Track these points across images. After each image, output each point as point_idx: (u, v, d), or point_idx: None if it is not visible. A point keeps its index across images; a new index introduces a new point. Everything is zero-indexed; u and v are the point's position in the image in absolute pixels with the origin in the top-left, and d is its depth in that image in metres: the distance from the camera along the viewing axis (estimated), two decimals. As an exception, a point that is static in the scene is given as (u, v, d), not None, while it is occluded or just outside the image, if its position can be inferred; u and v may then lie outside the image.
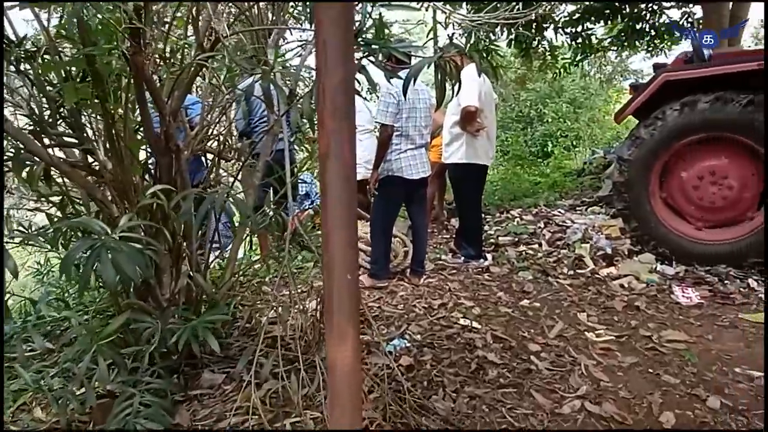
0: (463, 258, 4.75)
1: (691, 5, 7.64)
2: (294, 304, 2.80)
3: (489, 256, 4.83)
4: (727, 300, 3.76)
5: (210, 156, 3.30)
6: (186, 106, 3.54)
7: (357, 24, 2.26)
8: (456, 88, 2.44)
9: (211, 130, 3.03)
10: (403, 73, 3.61)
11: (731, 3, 6.40)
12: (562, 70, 8.67)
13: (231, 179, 3.19)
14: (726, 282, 3.98)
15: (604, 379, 2.84)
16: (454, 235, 5.17)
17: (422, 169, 4.12)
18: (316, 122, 1.56)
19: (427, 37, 2.74)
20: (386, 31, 2.47)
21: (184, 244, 2.63)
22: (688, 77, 4.01)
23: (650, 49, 8.60)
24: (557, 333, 3.37)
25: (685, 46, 8.26)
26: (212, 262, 3.32)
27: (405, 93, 2.24)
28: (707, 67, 4.01)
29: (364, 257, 4.44)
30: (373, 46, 2.28)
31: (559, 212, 6.02)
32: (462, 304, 3.82)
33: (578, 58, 8.56)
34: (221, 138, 3.03)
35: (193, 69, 2.27)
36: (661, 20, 7.89)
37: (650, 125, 4.19)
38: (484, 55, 7.63)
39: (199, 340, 2.25)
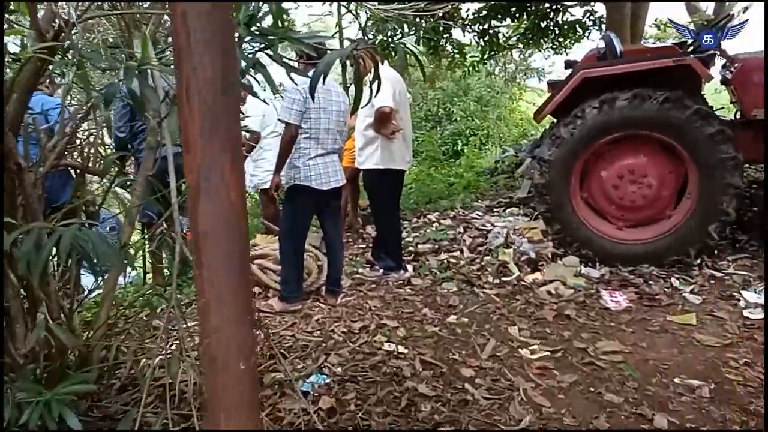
0: (382, 270, 4.40)
1: (593, 4, 7.79)
2: (185, 351, 2.31)
3: (409, 267, 4.51)
4: (653, 302, 3.67)
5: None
6: (45, 111, 2.93)
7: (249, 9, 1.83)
8: (375, 86, 2.07)
9: (75, 140, 2.47)
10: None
11: (630, 2, 6.51)
12: (471, 69, 8.59)
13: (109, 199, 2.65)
14: (650, 282, 3.91)
15: (545, 404, 2.59)
16: (371, 245, 4.81)
17: (335, 177, 3.71)
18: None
19: (336, 29, 2.34)
20: (287, 19, 2.07)
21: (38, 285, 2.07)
22: (607, 74, 3.89)
23: (555, 47, 8.71)
24: (490, 353, 3.10)
25: (589, 44, 8.45)
26: (86, 296, 2.74)
27: (313, 90, 1.84)
28: (624, 64, 3.91)
29: (273, 277, 3.97)
30: (271, 37, 1.86)
31: (478, 215, 5.83)
32: (385, 325, 3.46)
33: (486, 56, 8.51)
34: (88, 148, 2.47)
35: (32, 65, 1.73)
36: (565, 18, 7.98)
37: (570, 124, 4.05)
38: (395, 52, 7.37)
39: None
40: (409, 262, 4.65)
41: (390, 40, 6.94)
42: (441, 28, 7.40)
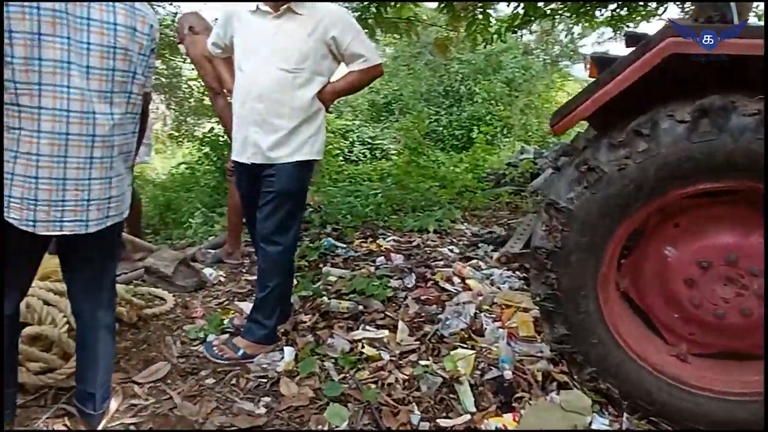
0: (241, 351, 2.47)
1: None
2: None
3: (289, 349, 2.53)
4: None
5: None
6: None
7: None
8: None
9: None
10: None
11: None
12: (494, 37, 6.34)
13: None
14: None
15: None
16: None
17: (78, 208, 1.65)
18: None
19: None
20: None
21: None
22: (724, 54, 1.80)
23: (614, 20, 6.38)
24: None
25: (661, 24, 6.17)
26: None
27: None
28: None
29: None
30: None
31: (450, 251, 3.80)
32: None
33: (517, 22, 6.23)
34: None
35: None
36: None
37: (623, 147, 1.98)
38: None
39: None
40: (300, 335, 2.68)
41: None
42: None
